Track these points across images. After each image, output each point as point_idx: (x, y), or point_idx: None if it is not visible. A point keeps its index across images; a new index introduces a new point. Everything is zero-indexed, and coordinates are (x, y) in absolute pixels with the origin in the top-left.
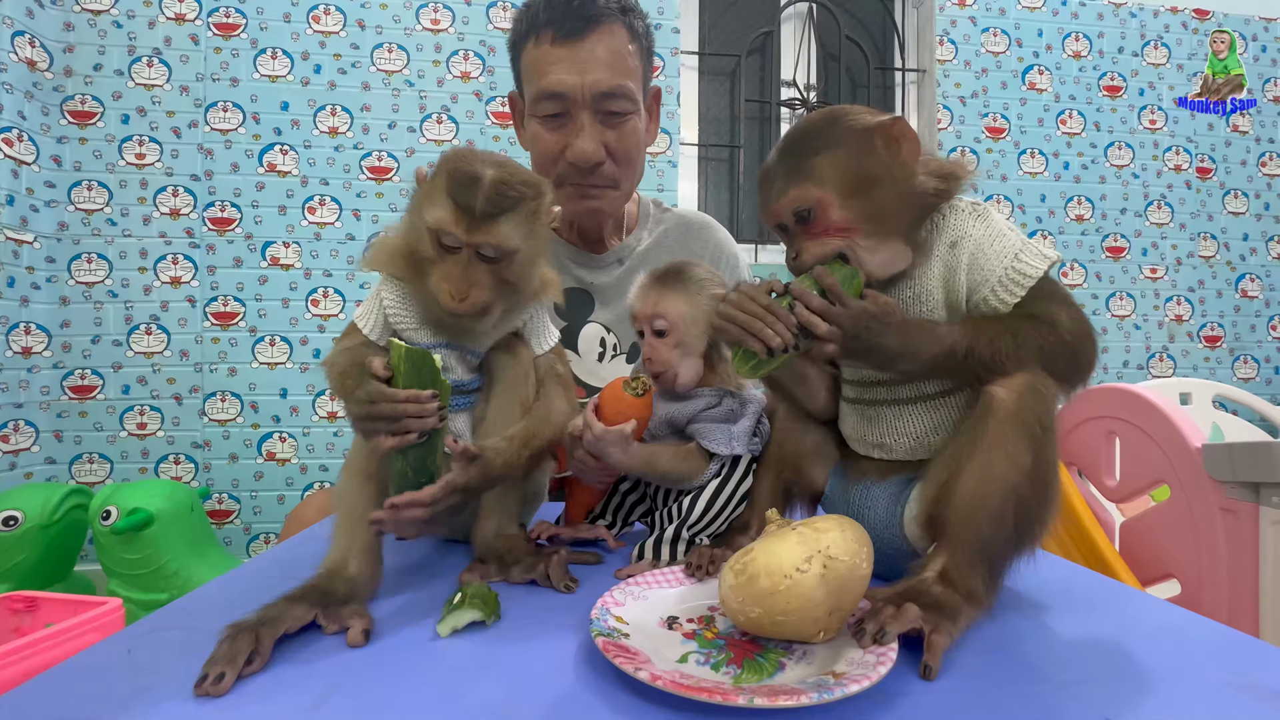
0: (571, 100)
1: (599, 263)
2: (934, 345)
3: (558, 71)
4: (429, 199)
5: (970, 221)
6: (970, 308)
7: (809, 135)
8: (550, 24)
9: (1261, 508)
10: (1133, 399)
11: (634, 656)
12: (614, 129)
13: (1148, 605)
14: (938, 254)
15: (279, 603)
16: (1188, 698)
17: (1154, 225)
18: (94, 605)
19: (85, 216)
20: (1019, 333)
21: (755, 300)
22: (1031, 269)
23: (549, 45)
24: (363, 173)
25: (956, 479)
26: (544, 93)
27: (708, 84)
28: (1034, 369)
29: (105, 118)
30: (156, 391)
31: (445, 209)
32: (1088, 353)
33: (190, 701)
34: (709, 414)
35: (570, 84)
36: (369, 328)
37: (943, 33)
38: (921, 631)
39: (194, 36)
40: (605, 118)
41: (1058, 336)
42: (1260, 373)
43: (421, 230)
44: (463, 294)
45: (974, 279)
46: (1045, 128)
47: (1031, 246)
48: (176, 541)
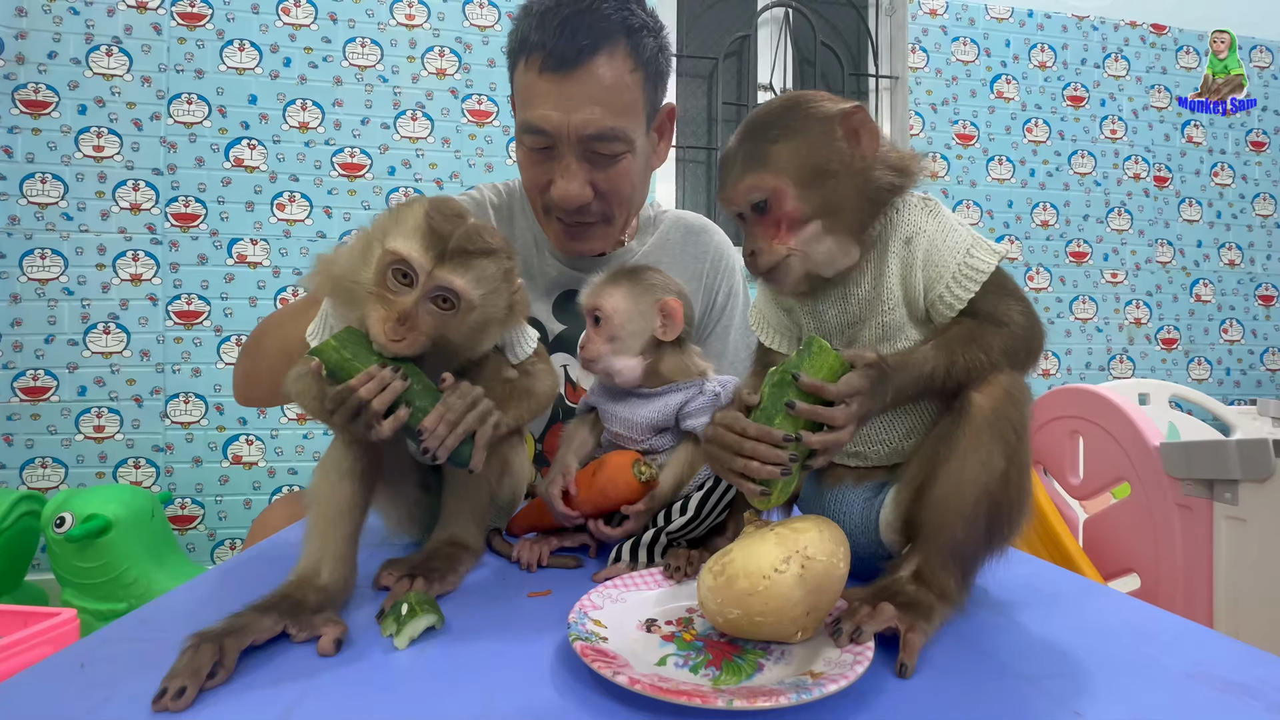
0: (557, 138)
1: (598, 265)
2: (917, 378)
3: (543, 106)
4: (396, 225)
5: (923, 217)
6: (928, 304)
7: (769, 122)
8: (541, 47)
9: (1215, 503)
10: (1095, 399)
11: (612, 660)
12: (603, 170)
13: (1110, 599)
14: (894, 250)
15: (246, 612)
16: (1149, 689)
17: (1115, 231)
18: (46, 616)
19: (39, 210)
20: (983, 341)
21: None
22: (983, 264)
23: (536, 74)
24: (334, 169)
25: (932, 482)
26: (528, 125)
27: (685, 86)
28: (1006, 372)
29: (60, 108)
30: (115, 393)
31: (414, 238)
32: (1039, 341)
33: (148, 718)
34: (695, 405)
35: (555, 121)
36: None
37: (914, 40)
38: (897, 630)
39: (156, 26)
40: (593, 158)
41: (1017, 336)
42: (1213, 374)
43: (373, 257)
44: (400, 335)
45: (930, 275)
46: (1012, 135)
47: (981, 242)
48: (136, 549)
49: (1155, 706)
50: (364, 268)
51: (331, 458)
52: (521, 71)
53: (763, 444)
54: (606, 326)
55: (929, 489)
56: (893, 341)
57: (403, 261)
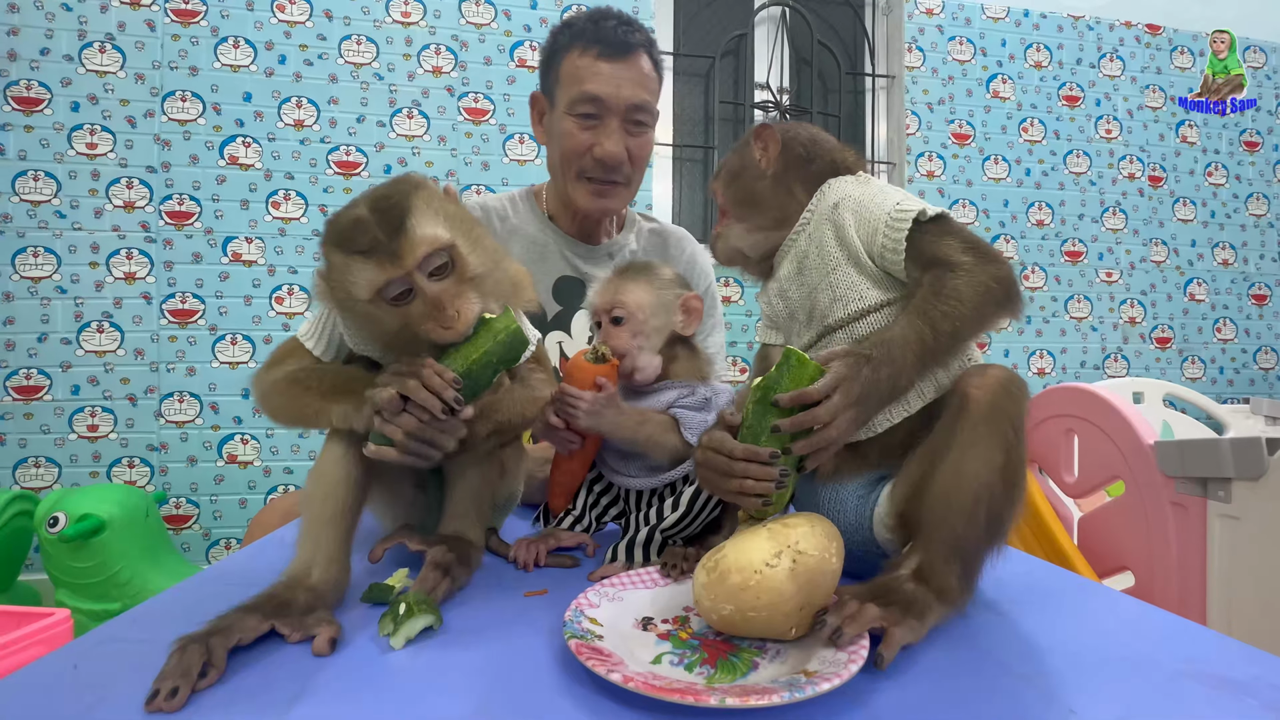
0: (607, 107)
1: (593, 254)
2: (905, 349)
3: (600, 82)
4: (342, 276)
5: (851, 185)
6: (878, 259)
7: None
8: (598, 42)
9: (1209, 502)
10: (1090, 398)
11: (607, 658)
12: (636, 137)
13: (1105, 597)
14: (826, 217)
15: (231, 613)
16: (1143, 687)
17: (1109, 231)
18: (40, 617)
19: (31, 208)
20: (947, 290)
21: (722, 454)
22: (911, 208)
23: (594, 58)
24: (330, 167)
25: (930, 477)
26: (586, 95)
27: (682, 85)
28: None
29: (53, 104)
30: (109, 392)
31: (362, 268)
32: (1007, 275)
33: (142, 719)
34: (685, 402)
35: (609, 93)
36: (322, 348)
37: (911, 40)
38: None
39: (150, 22)
40: (631, 126)
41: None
42: (1206, 373)
43: (364, 313)
44: (450, 320)
45: (865, 231)
46: (1008, 135)
47: (911, 197)
48: (130, 548)
49: (1149, 703)
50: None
51: (326, 460)
52: (576, 57)
53: (753, 464)
54: (631, 323)
55: (928, 485)
56: (846, 303)
57: (384, 288)
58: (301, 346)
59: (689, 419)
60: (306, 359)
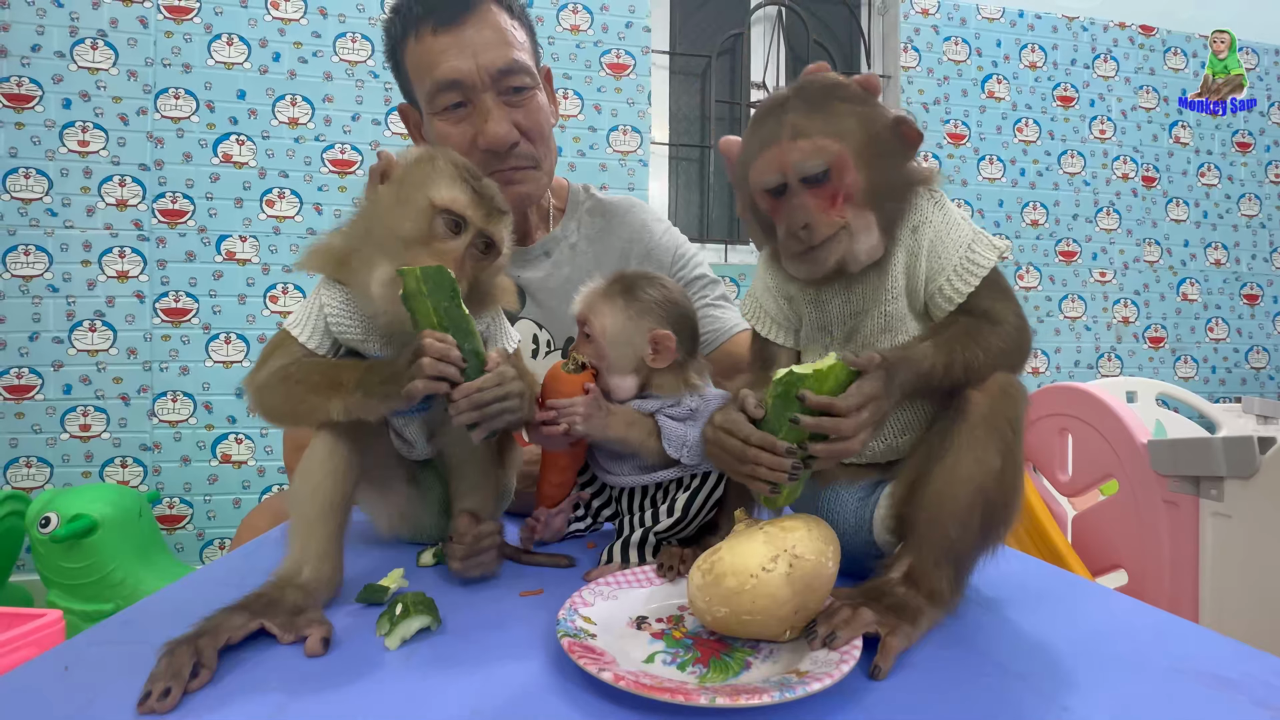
0: (470, 86)
1: (526, 256)
2: (917, 375)
3: (449, 59)
4: (432, 180)
5: (930, 207)
6: (927, 295)
7: (824, 85)
8: (428, 15)
9: (1201, 500)
10: (1084, 397)
11: (599, 657)
12: (519, 107)
13: (1098, 596)
14: (901, 239)
15: (217, 613)
16: (1136, 684)
17: (1103, 231)
18: (31, 617)
19: (22, 206)
20: (981, 340)
21: (736, 437)
22: (984, 259)
23: (431, 36)
24: (324, 165)
25: (925, 479)
26: (440, 83)
27: (678, 84)
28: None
29: (44, 101)
30: (101, 391)
31: (462, 192)
32: (1028, 344)
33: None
34: (669, 411)
35: (465, 69)
36: (308, 336)
37: (906, 40)
38: (878, 634)
39: (142, 19)
40: (508, 96)
41: (1010, 337)
42: (1199, 372)
43: (414, 209)
44: (459, 275)
45: (932, 266)
46: (1003, 135)
47: (982, 237)
48: (123, 549)
49: (1142, 701)
50: (404, 219)
51: (313, 457)
52: (414, 45)
53: (766, 453)
54: (595, 344)
55: (922, 486)
56: (894, 334)
57: (456, 213)
58: (289, 338)
59: (670, 430)
60: (295, 351)
